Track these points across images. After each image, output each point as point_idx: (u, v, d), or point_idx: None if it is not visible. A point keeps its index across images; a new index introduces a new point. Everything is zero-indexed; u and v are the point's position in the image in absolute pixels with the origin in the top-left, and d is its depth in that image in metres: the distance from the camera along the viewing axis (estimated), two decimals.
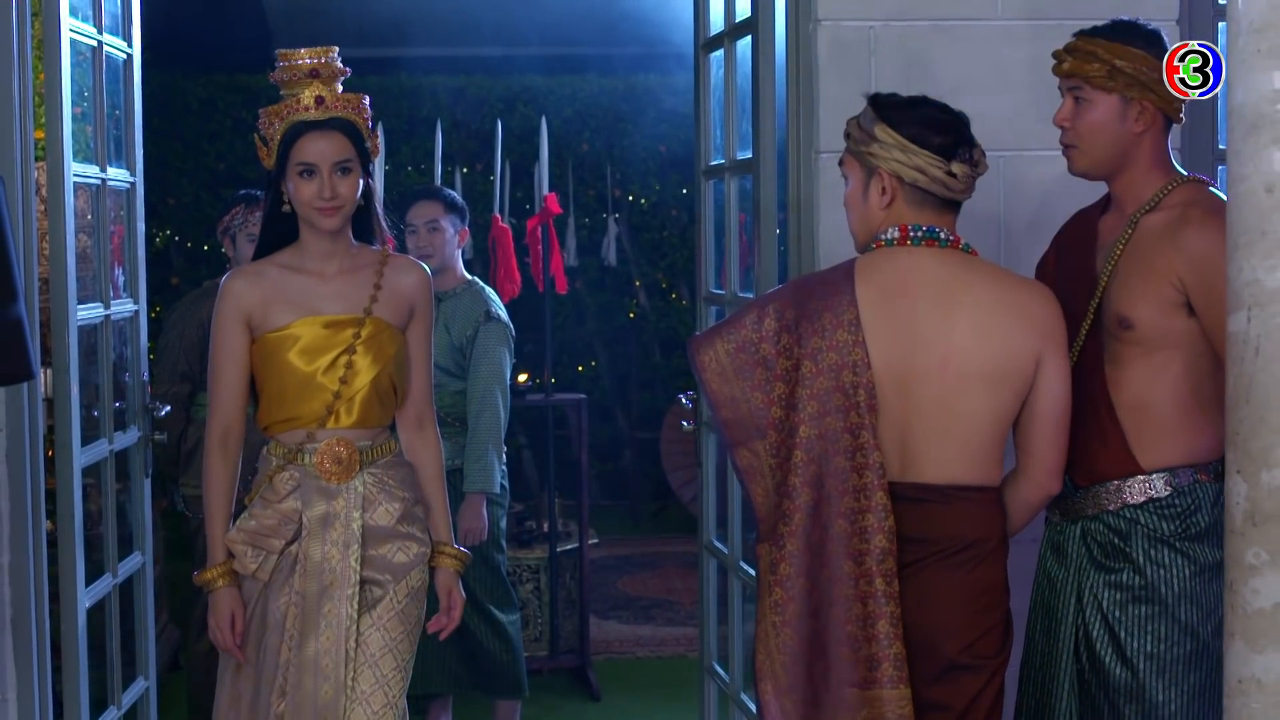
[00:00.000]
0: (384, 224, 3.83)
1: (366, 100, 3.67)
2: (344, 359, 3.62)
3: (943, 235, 3.21)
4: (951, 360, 3.14)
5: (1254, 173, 2.35)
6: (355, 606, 3.57)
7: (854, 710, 3.13)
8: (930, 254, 3.21)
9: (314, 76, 3.59)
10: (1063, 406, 3.20)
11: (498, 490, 5.34)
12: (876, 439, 3.13)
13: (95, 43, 4.26)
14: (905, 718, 3.11)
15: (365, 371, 3.63)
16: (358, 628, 3.57)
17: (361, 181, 3.64)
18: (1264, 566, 2.36)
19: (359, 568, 3.59)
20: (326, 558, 3.58)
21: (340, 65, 3.64)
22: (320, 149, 3.58)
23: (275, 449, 3.68)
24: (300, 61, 3.59)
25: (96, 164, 4.33)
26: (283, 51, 3.62)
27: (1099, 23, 3.31)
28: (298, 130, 3.58)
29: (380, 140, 3.59)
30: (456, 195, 5.59)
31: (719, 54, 4.43)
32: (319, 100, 3.58)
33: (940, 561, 3.17)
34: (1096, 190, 3.44)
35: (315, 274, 3.67)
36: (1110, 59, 3.22)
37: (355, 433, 3.65)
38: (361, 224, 3.75)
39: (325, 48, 3.63)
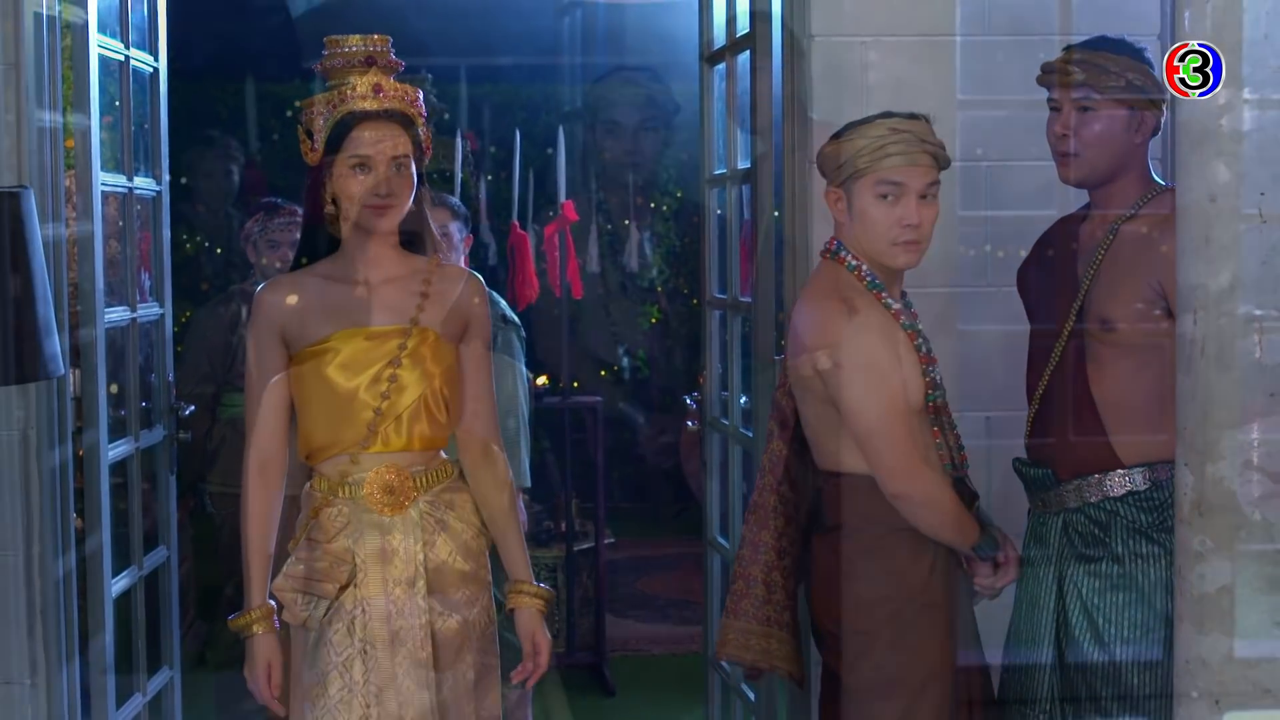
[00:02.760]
0: (435, 231, 3.47)
1: (421, 95, 3.31)
2: (388, 373, 3.21)
3: (827, 245, 3.45)
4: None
5: (1199, 183, 2.46)
6: (431, 649, 3.21)
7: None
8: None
9: (369, 64, 3.22)
10: (851, 420, 3.26)
11: (529, 484, 5.49)
12: (782, 419, 3.44)
13: (122, 57, 4.37)
14: (732, 645, 3.47)
15: (413, 387, 3.23)
16: (438, 684, 3.22)
17: (415, 182, 3.27)
18: (1209, 554, 2.45)
19: (428, 606, 3.22)
20: (391, 599, 3.20)
21: (395, 57, 3.29)
22: (376, 141, 3.19)
23: (319, 483, 3.30)
24: (353, 48, 3.24)
25: (124, 173, 4.43)
26: (332, 38, 3.28)
27: (1084, 38, 3.40)
28: (351, 120, 3.20)
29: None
30: (460, 203, 5.73)
31: (722, 67, 4.52)
32: (376, 89, 3.21)
33: (819, 538, 3.42)
34: (1079, 197, 3.52)
35: (357, 282, 3.28)
36: (1122, 72, 3.30)
37: (406, 456, 3.25)
38: (408, 231, 3.34)
39: (380, 35, 3.28)
